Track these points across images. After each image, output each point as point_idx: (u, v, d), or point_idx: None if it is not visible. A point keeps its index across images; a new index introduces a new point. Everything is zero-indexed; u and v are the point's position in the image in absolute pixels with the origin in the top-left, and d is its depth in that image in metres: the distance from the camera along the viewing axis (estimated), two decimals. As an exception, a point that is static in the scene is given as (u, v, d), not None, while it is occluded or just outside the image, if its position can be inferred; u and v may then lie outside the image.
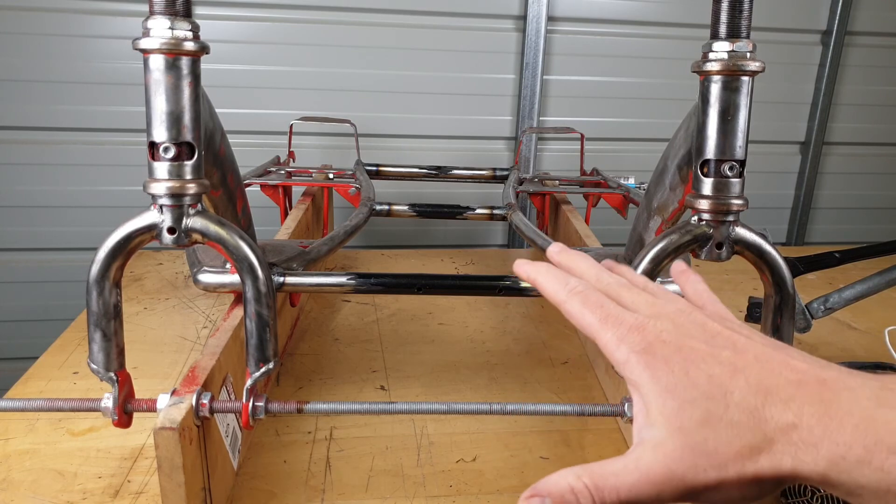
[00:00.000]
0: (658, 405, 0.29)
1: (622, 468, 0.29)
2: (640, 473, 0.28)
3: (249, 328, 0.58)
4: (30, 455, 0.67)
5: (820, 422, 0.27)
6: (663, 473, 0.28)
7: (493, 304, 1.09)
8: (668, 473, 0.28)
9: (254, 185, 1.11)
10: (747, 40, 0.56)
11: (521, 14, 1.46)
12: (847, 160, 1.69)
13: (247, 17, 1.39)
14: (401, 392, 0.83)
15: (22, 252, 1.45)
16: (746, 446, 0.27)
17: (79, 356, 0.87)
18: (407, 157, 1.47)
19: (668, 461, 0.28)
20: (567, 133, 1.48)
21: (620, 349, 0.32)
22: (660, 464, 0.28)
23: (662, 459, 0.28)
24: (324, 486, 0.65)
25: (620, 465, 0.29)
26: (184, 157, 0.53)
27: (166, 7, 0.51)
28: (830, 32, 1.56)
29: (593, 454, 0.72)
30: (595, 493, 0.29)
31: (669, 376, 0.30)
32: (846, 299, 0.77)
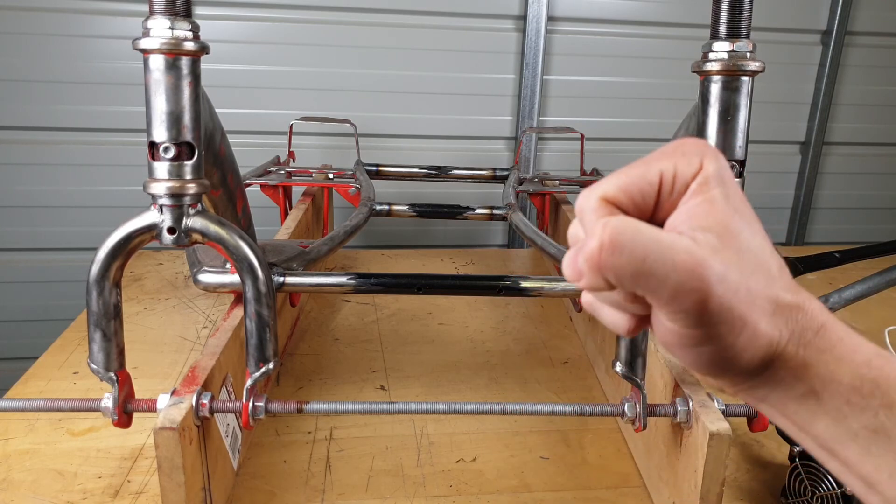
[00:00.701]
0: (722, 221, 0.28)
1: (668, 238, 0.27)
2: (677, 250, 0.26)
3: (249, 328, 0.58)
4: (30, 455, 0.67)
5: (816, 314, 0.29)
6: (702, 264, 0.26)
7: (493, 304, 1.09)
8: (706, 269, 0.26)
9: (254, 185, 1.11)
10: (747, 40, 0.56)
11: (521, 14, 1.45)
12: (847, 160, 1.69)
13: (247, 17, 1.39)
14: (401, 392, 0.83)
15: (22, 252, 1.45)
16: (773, 298, 0.28)
17: (79, 356, 0.87)
18: (407, 157, 1.47)
19: (715, 258, 0.26)
20: (567, 133, 1.48)
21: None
22: (702, 255, 0.26)
23: (709, 253, 0.26)
24: (324, 486, 0.65)
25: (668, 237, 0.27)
26: (184, 157, 0.53)
27: (166, 7, 0.51)
28: (830, 32, 1.56)
29: (593, 454, 0.72)
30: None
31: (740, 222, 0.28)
32: (846, 299, 0.78)
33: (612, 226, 0.26)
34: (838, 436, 0.28)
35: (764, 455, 0.72)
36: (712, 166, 0.28)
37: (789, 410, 0.29)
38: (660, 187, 0.28)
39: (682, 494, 0.58)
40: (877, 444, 0.27)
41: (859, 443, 0.28)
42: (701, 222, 0.27)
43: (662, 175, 0.28)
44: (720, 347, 0.27)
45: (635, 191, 0.28)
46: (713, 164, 0.28)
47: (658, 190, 0.28)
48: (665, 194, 0.28)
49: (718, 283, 0.26)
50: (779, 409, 0.29)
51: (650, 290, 0.26)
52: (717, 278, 0.26)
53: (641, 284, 0.26)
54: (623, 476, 0.69)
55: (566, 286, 0.72)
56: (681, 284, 0.26)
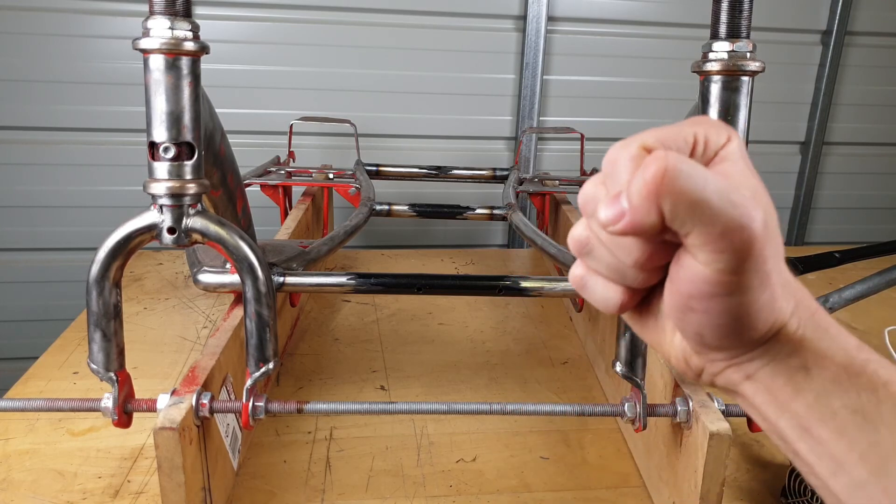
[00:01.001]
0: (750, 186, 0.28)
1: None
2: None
3: (249, 328, 0.58)
4: (30, 455, 0.67)
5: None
6: (752, 206, 0.26)
7: (493, 304, 1.09)
8: (756, 211, 0.26)
9: (254, 185, 1.11)
10: (747, 40, 0.56)
11: (521, 14, 1.46)
12: (847, 160, 1.69)
13: (247, 17, 1.39)
14: (401, 392, 0.83)
15: (22, 252, 1.45)
16: (784, 271, 0.28)
17: (79, 356, 0.87)
18: (407, 157, 1.47)
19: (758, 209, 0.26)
20: (567, 133, 1.48)
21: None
22: (751, 199, 0.26)
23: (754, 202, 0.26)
24: (324, 486, 0.65)
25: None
26: (184, 157, 0.53)
27: (166, 7, 0.51)
28: (830, 32, 1.56)
29: (593, 454, 0.72)
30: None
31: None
32: (846, 299, 0.78)
33: (673, 154, 0.25)
34: (818, 413, 0.29)
35: (764, 455, 0.72)
36: (738, 141, 0.29)
37: (776, 385, 0.29)
38: (693, 148, 0.28)
39: (682, 494, 0.58)
40: (854, 424, 0.28)
41: (837, 421, 0.28)
42: (737, 182, 0.27)
43: (696, 136, 0.28)
44: (746, 301, 0.27)
45: (673, 145, 0.28)
46: (738, 140, 0.29)
47: (692, 150, 0.28)
48: (697, 155, 0.28)
49: (761, 229, 0.26)
50: (766, 385, 0.30)
51: (704, 222, 0.25)
52: (760, 224, 0.26)
53: (698, 215, 0.25)
54: (623, 476, 0.69)
55: (566, 286, 0.72)
56: (735, 220, 0.25)
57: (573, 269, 0.31)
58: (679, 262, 0.28)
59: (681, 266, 0.27)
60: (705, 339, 0.29)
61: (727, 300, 0.27)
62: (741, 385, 0.30)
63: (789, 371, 0.29)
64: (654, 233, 0.26)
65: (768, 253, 0.27)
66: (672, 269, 0.28)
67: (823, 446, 0.28)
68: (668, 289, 0.28)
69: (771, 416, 0.30)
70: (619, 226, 0.26)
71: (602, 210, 0.27)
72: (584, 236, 0.29)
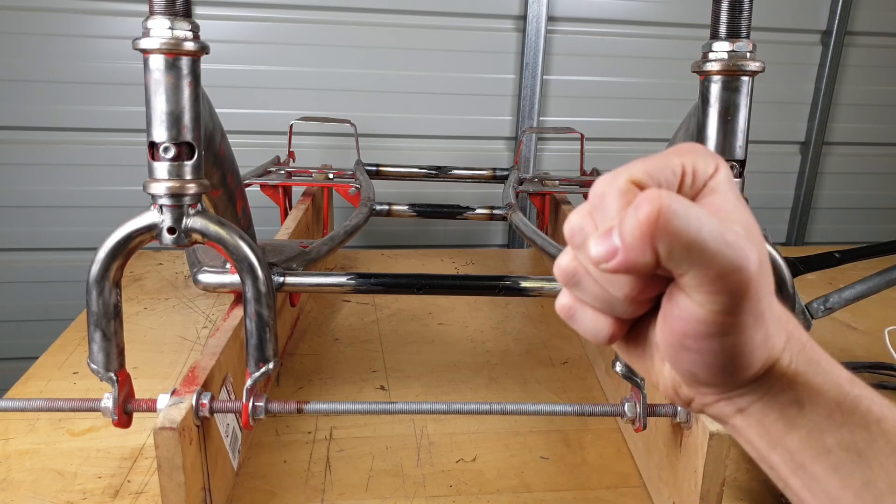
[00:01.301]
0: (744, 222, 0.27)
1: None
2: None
3: (249, 328, 0.58)
4: (30, 455, 0.67)
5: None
6: (748, 246, 0.25)
7: (493, 304, 1.09)
8: (751, 252, 0.25)
9: (254, 185, 1.11)
10: (747, 40, 0.56)
11: (521, 14, 1.45)
12: (847, 160, 1.69)
13: (247, 17, 1.39)
14: (401, 392, 0.83)
15: (22, 252, 1.45)
16: (776, 304, 0.28)
17: (79, 356, 0.87)
18: (407, 157, 1.47)
19: (752, 247, 0.25)
20: (567, 133, 1.48)
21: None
22: (745, 239, 0.26)
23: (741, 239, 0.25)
24: (324, 486, 0.65)
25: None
26: (184, 157, 0.53)
27: (166, 7, 0.51)
28: (830, 32, 1.56)
29: (593, 454, 0.72)
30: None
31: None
32: (846, 299, 0.77)
33: (667, 193, 0.24)
34: (811, 449, 0.28)
35: (764, 455, 0.72)
36: (726, 171, 0.28)
37: (769, 420, 0.29)
38: (682, 179, 0.28)
39: (682, 494, 0.58)
40: (848, 461, 0.28)
41: (831, 459, 0.28)
42: (728, 216, 0.27)
43: (684, 168, 0.28)
44: (741, 341, 0.27)
45: (661, 178, 0.27)
46: (726, 170, 0.28)
47: (681, 181, 0.28)
48: (686, 187, 0.28)
49: (757, 269, 0.25)
50: (757, 419, 0.29)
51: (700, 264, 0.25)
52: (756, 264, 0.25)
53: (693, 257, 0.25)
54: (623, 476, 0.69)
55: (566, 286, 0.72)
56: (731, 262, 0.25)
57: (560, 299, 0.30)
58: (672, 299, 0.27)
59: (674, 304, 0.27)
60: (698, 377, 0.28)
61: (722, 340, 0.27)
62: (732, 418, 0.30)
63: (782, 406, 0.29)
64: (648, 271, 0.26)
65: (763, 292, 0.26)
66: (665, 306, 0.28)
67: (818, 483, 0.28)
68: (661, 326, 0.28)
69: (763, 450, 0.30)
70: (612, 264, 0.26)
71: (593, 245, 0.26)
72: (572, 267, 0.28)
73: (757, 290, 0.26)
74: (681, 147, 0.29)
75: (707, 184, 0.28)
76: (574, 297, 0.29)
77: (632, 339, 0.31)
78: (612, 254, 0.25)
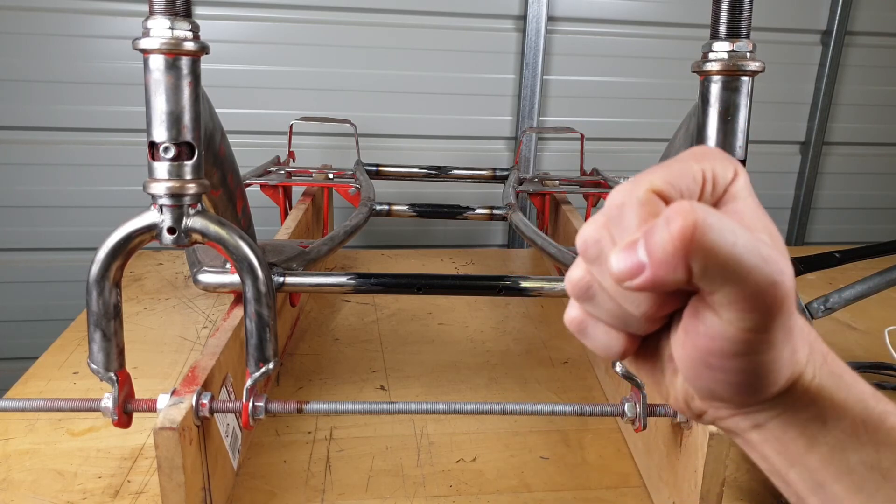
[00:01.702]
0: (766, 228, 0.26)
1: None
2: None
3: (249, 328, 0.58)
4: (30, 455, 0.67)
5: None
6: (782, 260, 0.24)
7: (493, 304, 1.09)
8: (785, 265, 0.24)
9: (254, 185, 1.11)
10: (747, 40, 0.56)
11: (521, 14, 1.46)
12: (847, 160, 1.69)
13: (247, 17, 1.39)
14: (401, 392, 0.83)
15: (22, 252, 1.45)
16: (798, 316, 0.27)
17: (79, 356, 0.87)
18: (407, 157, 1.47)
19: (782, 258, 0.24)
20: (567, 133, 1.48)
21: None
22: (778, 252, 0.24)
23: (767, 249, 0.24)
24: (324, 486, 0.65)
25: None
26: (184, 157, 0.53)
27: (166, 7, 0.51)
28: (830, 32, 1.56)
29: (593, 454, 0.72)
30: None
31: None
32: (846, 299, 0.77)
33: (700, 206, 0.22)
34: (833, 468, 0.27)
35: (764, 455, 0.72)
36: (745, 175, 0.27)
37: (788, 437, 0.28)
38: (703, 186, 0.26)
39: (682, 494, 0.58)
40: (872, 481, 0.26)
41: (853, 478, 0.27)
42: (751, 224, 0.26)
43: (704, 173, 0.26)
44: (769, 358, 0.25)
45: (683, 186, 0.26)
46: (745, 174, 0.27)
47: (701, 189, 0.26)
48: (706, 194, 0.26)
49: (791, 283, 0.24)
50: (776, 435, 0.28)
51: (734, 282, 0.23)
52: (791, 278, 0.24)
53: (728, 274, 0.23)
54: (623, 476, 0.69)
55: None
56: (767, 278, 0.23)
57: (569, 312, 0.28)
58: (697, 316, 0.25)
59: (699, 321, 0.25)
60: (718, 394, 0.27)
61: (750, 358, 0.25)
62: (748, 433, 0.28)
63: (803, 422, 0.27)
64: (675, 288, 0.24)
65: (793, 307, 0.25)
66: (687, 323, 0.26)
67: (839, 503, 0.27)
68: (683, 342, 0.26)
69: (780, 466, 0.28)
70: (638, 281, 0.24)
71: (615, 260, 0.24)
72: (585, 281, 0.27)
73: (791, 306, 0.24)
74: (698, 151, 0.27)
75: (728, 190, 0.27)
76: (585, 312, 0.28)
77: (642, 351, 0.29)
78: (637, 270, 0.23)
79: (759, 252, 0.23)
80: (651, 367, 0.30)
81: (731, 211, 0.26)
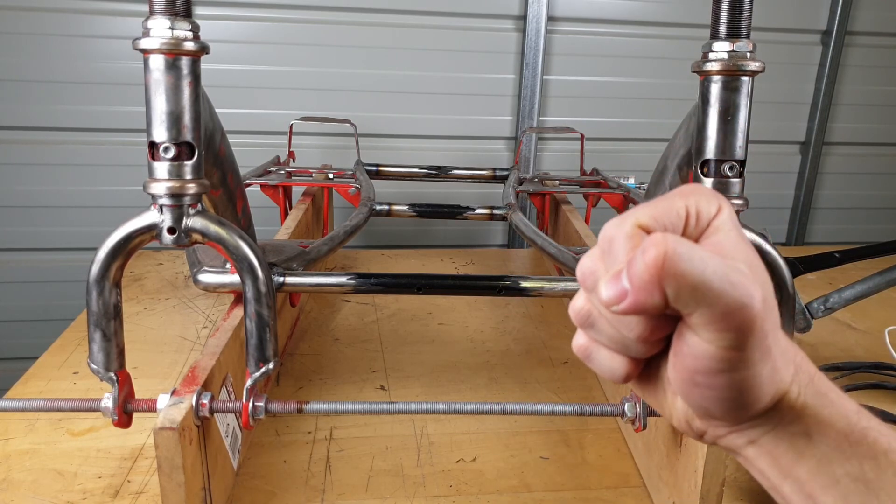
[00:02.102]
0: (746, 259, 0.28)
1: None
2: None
3: (249, 328, 0.58)
4: (30, 455, 0.67)
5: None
6: (752, 284, 0.26)
7: (493, 304, 1.09)
8: (755, 289, 0.26)
9: (254, 185, 1.11)
10: (747, 40, 0.56)
11: (521, 14, 1.45)
12: (847, 160, 1.69)
13: (247, 17, 1.39)
14: (401, 392, 0.83)
15: (22, 252, 1.45)
16: (782, 338, 0.29)
17: (79, 356, 0.87)
18: (407, 157, 1.47)
19: (755, 284, 0.26)
20: (567, 133, 1.48)
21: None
22: (749, 277, 0.27)
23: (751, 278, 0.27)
24: (324, 486, 0.65)
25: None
26: (184, 157, 0.53)
27: (166, 7, 0.51)
28: (830, 32, 1.56)
29: (593, 454, 0.72)
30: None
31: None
32: (846, 299, 0.78)
33: (671, 237, 0.26)
34: (821, 480, 0.29)
35: (764, 455, 0.72)
36: (729, 210, 0.29)
37: (779, 451, 0.30)
38: (686, 221, 0.29)
39: (682, 494, 0.58)
40: (856, 492, 0.29)
41: (839, 489, 0.29)
42: (731, 254, 0.28)
43: (688, 209, 0.29)
44: (749, 375, 0.28)
45: (667, 221, 0.28)
46: (729, 209, 0.30)
47: (685, 223, 0.29)
48: (690, 228, 0.29)
49: (761, 306, 0.26)
50: (768, 450, 0.30)
51: (706, 304, 0.26)
52: (759, 301, 0.26)
53: (699, 297, 0.26)
54: (623, 476, 0.69)
55: (566, 286, 0.72)
56: (736, 300, 0.26)
57: (577, 339, 0.32)
58: (682, 338, 0.28)
59: (684, 342, 0.28)
60: (710, 411, 0.29)
61: (731, 375, 0.28)
62: (744, 449, 0.31)
63: (791, 437, 0.30)
64: (657, 311, 0.27)
65: (768, 327, 0.27)
66: (675, 344, 0.29)
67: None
68: (673, 363, 0.29)
69: (774, 480, 0.31)
70: (622, 306, 0.27)
71: (603, 289, 0.27)
72: (586, 309, 0.30)
73: (762, 326, 0.27)
74: (684, 189, 0.30)
75: (711, 223, 0.29)
76: (590, 338, 0.31)
77: (645, 376, 0.32)
78: (621, 296, 0.26)
79: (728, 277, 0.26)
80: (654, 390, 0.32)
81: (713, 242, 0.29)
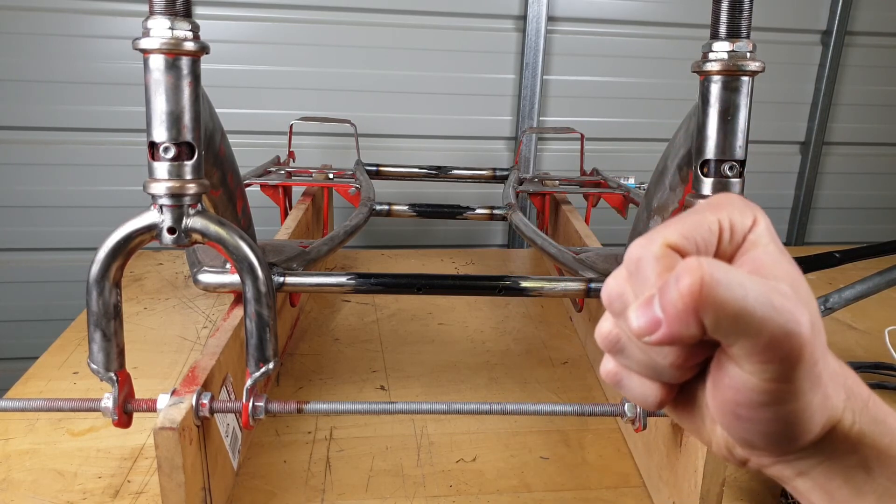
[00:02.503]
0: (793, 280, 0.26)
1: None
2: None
3: (249, 328, 0.58)
4: (30, 455, 0.67)
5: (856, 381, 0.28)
6: (798, 308, 0.24)
7: (493, 304, 1.09)
8: (802, 314, 0.24)
9: (254, 185, 1.11)
10: (747, 40, 0.56)
11: (521, 14, 1.46)
12: (847, 160, 1.69)
13: (247, 17, 1.39)
14: (401, 392, 0.83)
15: (22, 252, 1.45)
16: (831, 361, 0.27)
17: (79, 356, 0.87)
18: (407, 157, 1.47)
19: (800, 306, 0.24)
20: (567, 133, 1.48)
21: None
22: (795, 300, 0.24)
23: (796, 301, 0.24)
24: (324, 486, 0.65)
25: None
26: (184, 157, 0.53)
27: (166, 7, 0.51)
28: (830, 32, 1.56)
29: (593, 454, 0.72)
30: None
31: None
32: (846, 299, 0.78)
33: (707, 261, 0.23)
34: None
35: (764, 455, 0.72)
36: (765, 221, 0.27)
37: (833, 485, 0.27)
38: (720, 236, 0.26)
39: (682, 494, 0.58)
40: None
41: None
42: (772, 272, 0.25)
43: (721, 223, 0.26)
44: (798, 407, 0.25)
45: (699, 238, 0.26)
46: (765, 220, 0.27)
47: (718, 238, 0.26)
48: (724, 244, 0.26)
49: (809, 332, 0.24)
50: (820, 483, 0.27)
51: (748, 334, 0.23)
52: (808, 327, 0.24)
53: (741, 327, 0.23)
54: (623, 476, 0.69)
55: (566, 286, 0.72)
56: (781, 328, 0.23)
57: (605, 365, 0.29)
58: (722, 368, 0.25)
59: (724, 373, 0.25)
60: (754, 444, 0.27)
61: (778, 409, 0.25)
62: (793, 481, 0.28)
63: (847, 470, 0.27)
64: (693, 341, 0.24)
65: (818, 354, 0.25)
66: (714, 374, 0.26)
67: None
68: (712, 393, 0.26)
69: None
70: (655, 337, 0.24)
71: (633, 317, 0.24)
72: (614, 334, 0.27)
73: (812, 354, 0.24)
74: (715, 201, 0.27)
75: (746, 237, 0.27)
76: (619, 364, 0.28)
77: (681, 400, 0.29)
78: (654, 326, 0.24)
79: (772, 303, 0.23)
80: (691, 416, 0.29)
81: (750, 259, 0.26)
